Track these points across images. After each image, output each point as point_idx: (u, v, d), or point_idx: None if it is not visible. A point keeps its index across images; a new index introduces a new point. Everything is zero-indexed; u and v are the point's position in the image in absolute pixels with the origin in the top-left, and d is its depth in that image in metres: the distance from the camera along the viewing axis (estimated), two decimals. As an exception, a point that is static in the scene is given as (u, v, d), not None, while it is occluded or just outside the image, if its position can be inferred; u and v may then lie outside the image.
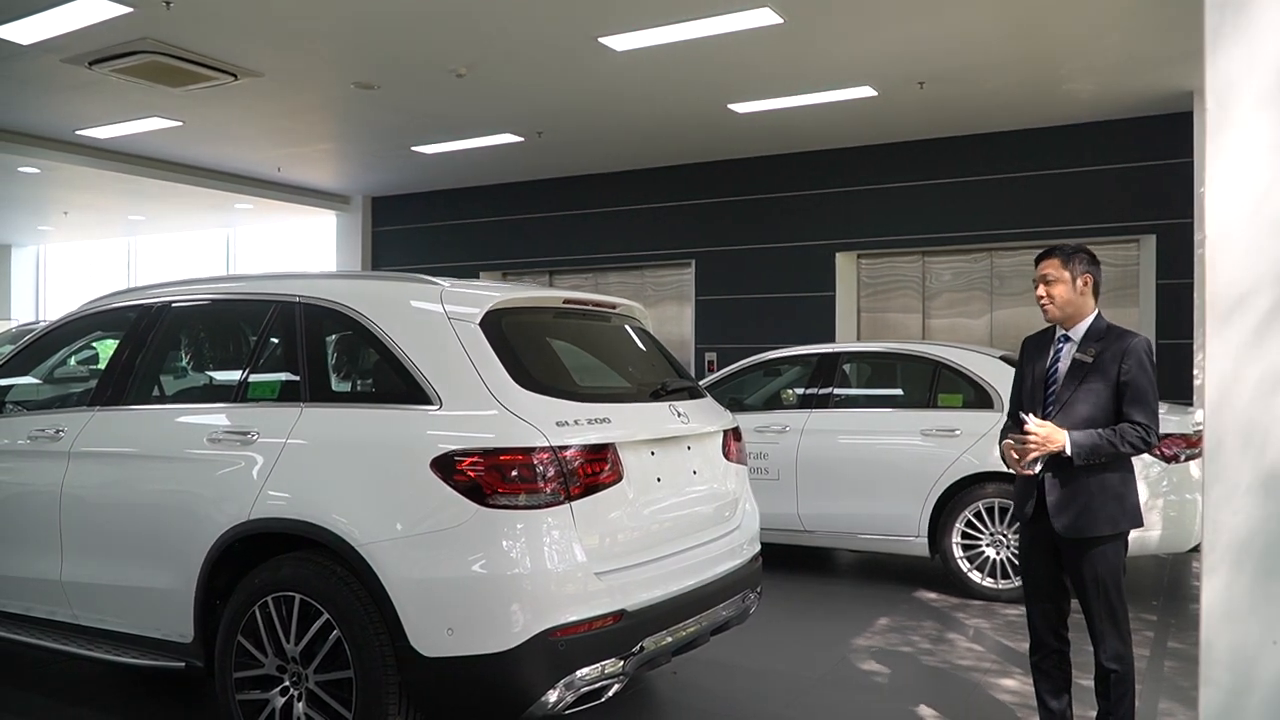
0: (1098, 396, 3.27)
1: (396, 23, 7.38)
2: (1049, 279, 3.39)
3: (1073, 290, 3.37)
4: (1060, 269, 3.38)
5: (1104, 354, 3.29)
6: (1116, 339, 3.33)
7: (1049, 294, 3.38)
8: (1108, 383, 3.27)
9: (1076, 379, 3.31)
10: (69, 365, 5.60)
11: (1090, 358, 3.30)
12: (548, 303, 3.97)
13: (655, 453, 3.60)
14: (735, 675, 4.62)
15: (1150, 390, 3.26)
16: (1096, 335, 3.35)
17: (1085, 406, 3.28)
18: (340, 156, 12.39)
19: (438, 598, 3.08)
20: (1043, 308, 3.43)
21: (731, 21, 7.17)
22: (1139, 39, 7.66)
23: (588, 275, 13.72)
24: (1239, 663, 2.55)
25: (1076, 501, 3.26)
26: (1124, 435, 3.20)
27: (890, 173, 11.14)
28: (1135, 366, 3.25)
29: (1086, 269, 3.39)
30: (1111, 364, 3.27)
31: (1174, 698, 4.29)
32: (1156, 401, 3.29)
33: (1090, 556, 3.28)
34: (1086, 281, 3.39)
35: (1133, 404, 3.23)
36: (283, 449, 3.43)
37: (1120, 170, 10.00)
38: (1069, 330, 3.41)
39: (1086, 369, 3.30)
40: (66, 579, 3.89)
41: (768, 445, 6.61)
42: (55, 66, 8.34)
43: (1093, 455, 3.20)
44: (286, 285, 3.88)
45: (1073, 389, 3.31)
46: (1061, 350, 3.41)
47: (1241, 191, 2.50)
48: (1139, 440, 3.20)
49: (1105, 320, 3.42)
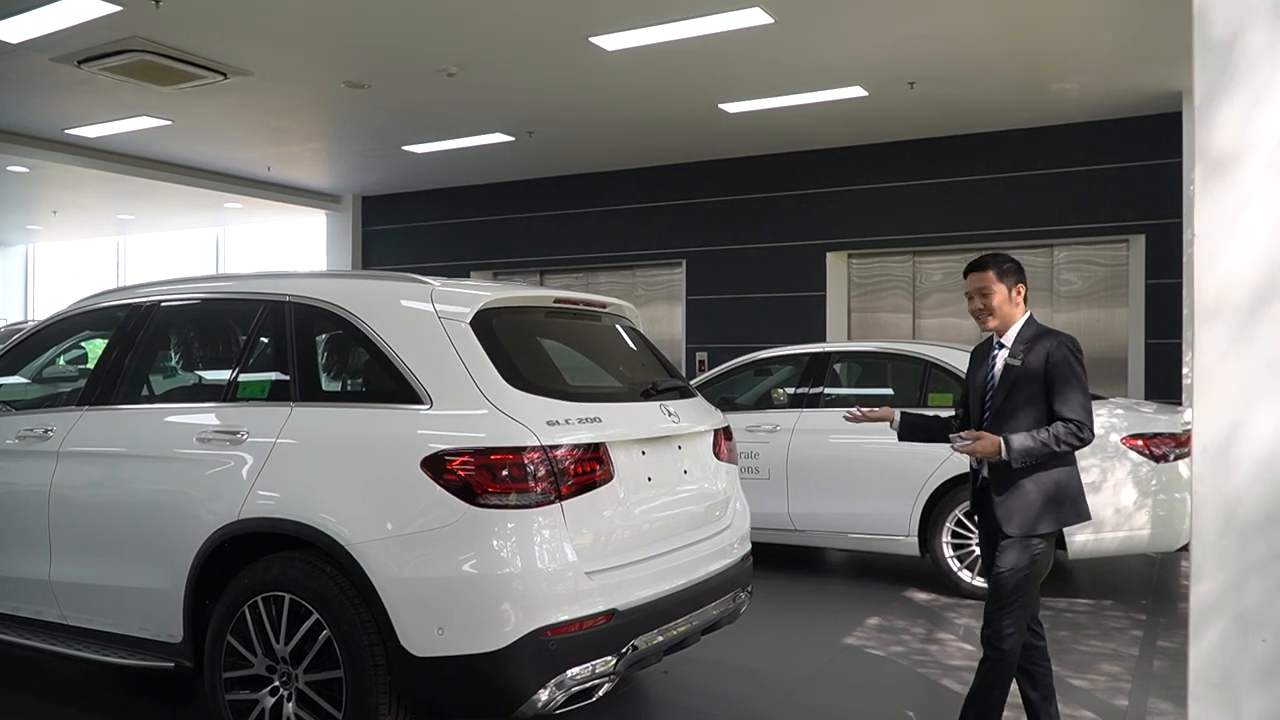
0: (1029, 398, 3.40)
1: (387, 22, 7.36)
2: (985, 291, 3.51)
3: (1008, 300, 3.50)
4: (996, 280, 3.50)
5: (1030, 356, 3.41)
6: (1042, 341, 3.44)
7: (987, 306, 3.51)
8: (1037, 384, 3.39)
9: (1009, 383, 3.44)
10: (58, 365, 5.57)
11: (1019, 361, 3.42)
12: (538, 302, 3.97)
13: (646, 452, 3.60)
14: (726, 674, 4.62)
15: (1077, 387, 3.37)
16: (1025, 339, 3.47)
17: (1019, 409, 3.40)
18: (330, 156, 12.36)
19: (428, 597, 3.07)
20: (979, 319, 3.55)
21: (722, 21, 7.18)
22: (1128, 39, 7.69)
23: (578, 275, 13.72)
24: (1229, 661, 2.56)
25: (1013, 500, 3.37)
26: (1057, 434, 3.31)
27: (880, 173, 11.16)
28: (1060, 365, 3.36)
29: (1017, 279, 3.53)
30: (1038, 365, 3.39)
31: (1164, 696, 4.31)
32: (1086, 397, 3.39)
33: (1009, 548, 3.36)
34: (1019, 291, 3.53)
35: (1062, 401, 3.35)
36: (272, 448, 3.42)
37: (1109, 170, 10.04)
38: (1002, 338, 3.54)
39: (1016, 373, 3.42)
40: (55, 579, 3.87)
41: (758, 445, 6.62)
42: (44, 65, 8.31)
43: (1028, 457, 3.32)
44: (276, 284, 3.87)
45: (1005, 392, 3.44)
46: (996, 356, 3.54)
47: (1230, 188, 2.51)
48: (1072, 437, 3.31)
49: (1035, 324, 3.54)
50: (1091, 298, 10.60)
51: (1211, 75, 2.53)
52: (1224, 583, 2.58)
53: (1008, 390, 3.43)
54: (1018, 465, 3.33)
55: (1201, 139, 2.56)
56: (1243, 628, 2.55)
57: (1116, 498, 5.76)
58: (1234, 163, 2.51)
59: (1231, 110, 2.52)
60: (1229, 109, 2.52)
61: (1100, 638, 5.22)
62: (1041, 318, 11.30)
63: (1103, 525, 5.78)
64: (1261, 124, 2.50)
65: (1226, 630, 2.57)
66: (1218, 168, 2.53)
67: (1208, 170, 2.56)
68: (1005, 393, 3.43)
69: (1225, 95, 2.52)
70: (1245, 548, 2.55)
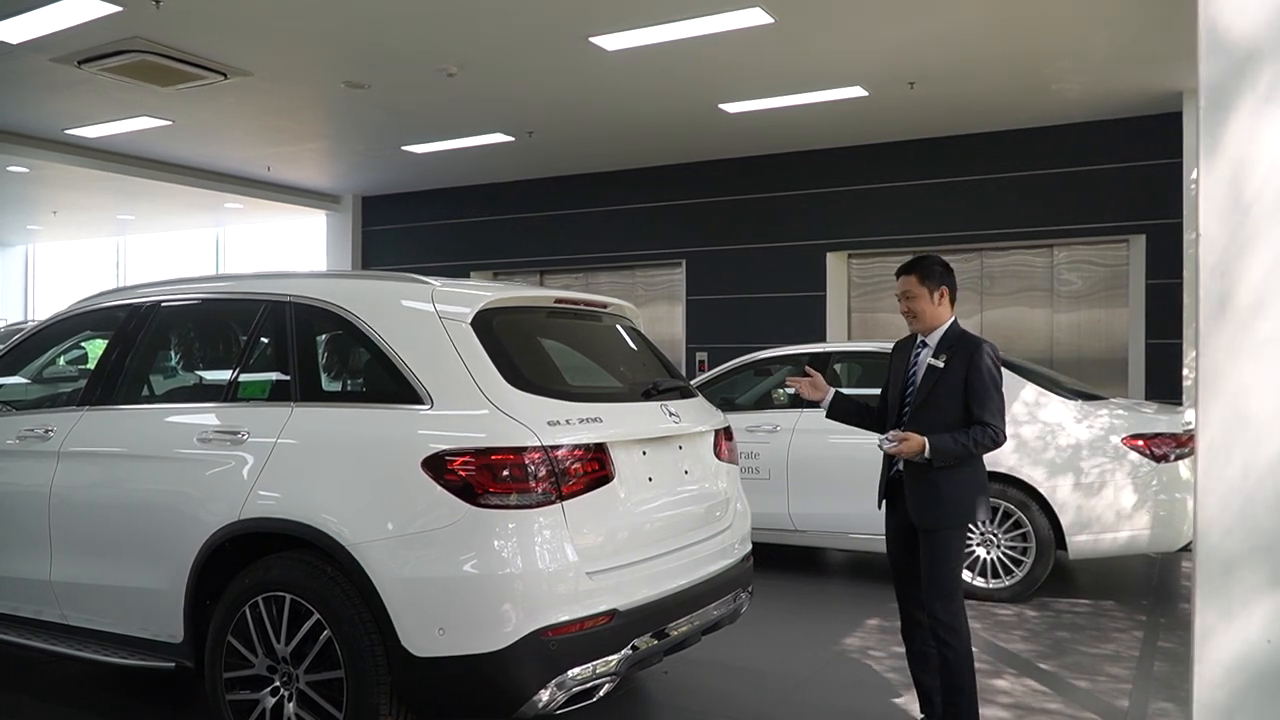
0: (949, 399, 3.56)
1: (387, 22, 7.36)
2: (909, 294, 3.67)
3: (930, 302, 3.65)
4: (919, 285, 3.65)
5: (953, 360, 3.57)
6: (964, 346, 3.59)
7: (910, 309, 3.67)
8: (957, 387, 3.55)
9: (930, 383, 3.60)
10: (58, 365, 5.57)
11: (942, 364, 3.58)
12: (539, 302, 3.97)
13: (647, 452, 3.60)
14: (727, 675, 4.62)
15: (995, 392, 3.54)
16: (949, 342, 3.63)
17: (938, 409, 3.56)
18: (330, 156, 12.36)
19: (429, 597, 3.07)
20: (907, 320, 3.72)
21: (722, 21, 7.18)
22: (1128, 39, 7.69)
23: (578, 275, 13.71)
24: (1234, 662, 2.56)
25: (928, 496, 3.54)
26: (975, 437, 3.49)
27: (881, 173, 11.16)
28: (982, 371, 3.52)
29: (941, 281, 3.66)
30: (960, 369, 3.55)
31: (1167, 697, 4.30)
32: (1001, 402, 3.56)
33: (933, 541, 3.55)
34: (943, 294, 3.66)
35: (981, 406, 3.51)
36: (273, 449, 3.42)
37: (1110, 170, 10.04)
38: (926, 337, 3.69)
39: (939, 374, 3.58)
40: (55, 579, 3.87)
41: (759, 445, 6.62)
42: (44, 65, 8.30)
43: (949, 458, 3.48)
44: (277, 285, 3.87)
45: (927, 392, 3.60)
46: (919, 356, 3.69)
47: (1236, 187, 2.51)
48: (989, 441, 3.50)
49: (959, 327, 3.68)
50: (1092, 298, 10.59)
51: (1218, 75, 2.53)
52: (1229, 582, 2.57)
53: (929, 390, 3.59)
54: (938, 465, 3.48)
55: (1207, 138, 2.56)
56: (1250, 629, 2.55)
57: (1117, 498, 5.76)
58: (1240, 161, 2.51)
59: (1238, 109, 2.52)
60: (1236, 108, 2.52)
61: (1101, 639, 5.22)
62: (1042, 318, 11.23)
63: (1103, 526, 5.78)
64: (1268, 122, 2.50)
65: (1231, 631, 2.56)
66: (1224, 166, 2.53)
67: (1213, 169, 2.56)
68: (926, 393, 3.59)
69: (1232, 94, 2.52)
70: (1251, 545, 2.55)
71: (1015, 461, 5.87)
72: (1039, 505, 5.87)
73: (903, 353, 3.79)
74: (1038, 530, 5.86)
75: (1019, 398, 5.95)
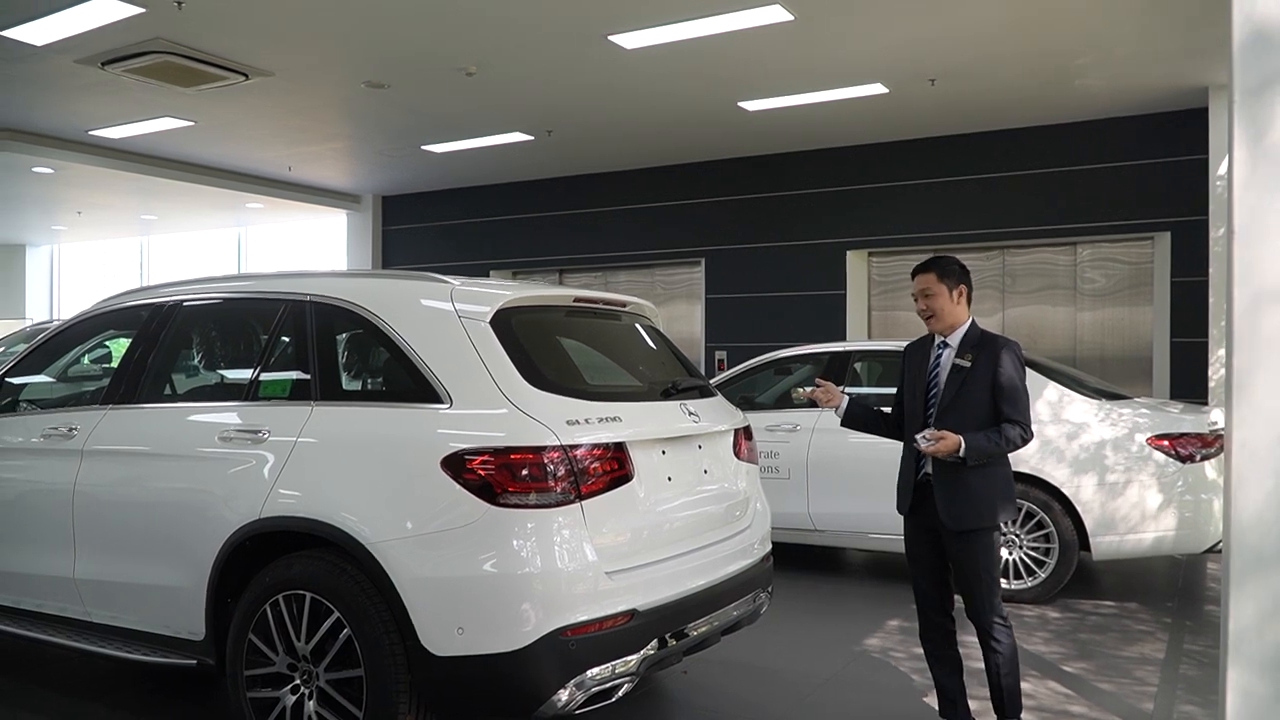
0: (976, 399, 3.55)
1: (407, 22, 7.38)
2: (928, 293, 3.66)
3: (950, 301, 3.65)
4: (938, 282, 3.65)
5: (980, 359, 3.56)
6: (990, 345, 3.59)
7: (929, 307, 3.67)
8: (984, 386, 3.54)
9: (957, 383, 3.58)
10: (82, 364, 5.61)
11: (968, 363, 3.57)
12: (558, 301, 3.96)
13: (666, 452, 3.59)
14: (746, 675, 4.60)
15: (1022, 390, 3.56)
16: (972, 341, 3.63)
17: (965, 408, 3.55)
18: (350, 155, 12.41)
19: (448, 597, 3.07)
20: (925, 319, 3.70)
21: (742, 19, 7.15)
22: (1153, 34, 7.60)
23: (597, 274, 13.71)
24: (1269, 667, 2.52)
25: (961, 497, 3.53)
26: (1006, 434, 3.49)
27: (901, 170, 11.09)
28: (1009, 370, 3.53)
29: (960, 280, 3.67)
30: (987, 368, 3.54)
31: (1192, 701, 4.24)
32: (1028, 400, 3.58)
33: (972, 545, 3.54)
34: (961, 292, 3.67)
35: (1011, 405, 3.51)
36: (293, 447, 3.43)
37: (1134, 167, 9.93)
38: (947, 337, 3.68)
39: (965, 373, 3.57)
40: (79, 576, 3.90)
41: (778, 444, 6.59)
42: (68, 67, 8.38)
43: (983, 456, 3.48)
44: (297, 284, 3.89)
45: (954, 392, 3.58)
46: (941, 356, 3.68)
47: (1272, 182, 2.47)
48: (1019, 437, 3.50)
49: (979, 327, 3.69)
50: (1116, 296, 10.49)
51: (1254, 67, 2.49)
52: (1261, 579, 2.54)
53: (956, 390, 3.57)
54: (973, 463, 3.47)
55: (1242, 133, 2.52)
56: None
57: (1142, 499, 5.70)
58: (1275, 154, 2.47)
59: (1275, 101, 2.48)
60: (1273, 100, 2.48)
61: (1126, 641, 5.16)
62: (1065, 316, 11.19)
63: (1128, 527, 5.72)
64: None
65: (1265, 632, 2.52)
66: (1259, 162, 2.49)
67: (1249, 164, 2.52)
68: (954, 392, 3.57)
69: (1269, 89, 2.47)
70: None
71: (1038, 461, 5.81)
72: (1062, 506, 5.82)
73: (919, 355, 3.76)
74: (1061, 531, 5.80)
75: (1042, 397, 5.89)
